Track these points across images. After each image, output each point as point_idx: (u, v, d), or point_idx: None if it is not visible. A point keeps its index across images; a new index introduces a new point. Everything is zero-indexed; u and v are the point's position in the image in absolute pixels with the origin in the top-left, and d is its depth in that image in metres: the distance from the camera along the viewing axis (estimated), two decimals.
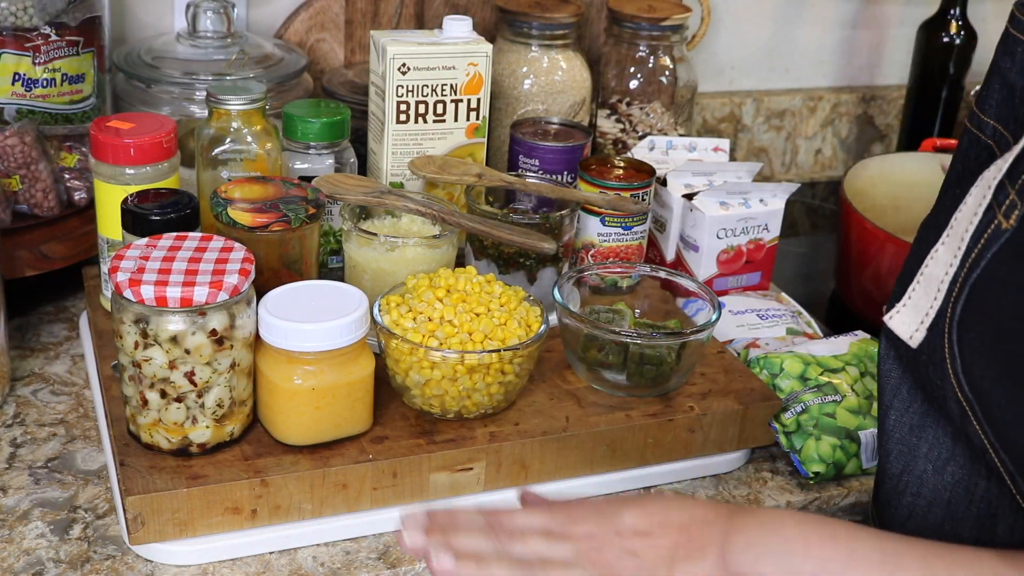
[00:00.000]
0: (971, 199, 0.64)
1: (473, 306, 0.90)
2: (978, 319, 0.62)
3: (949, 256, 0.64)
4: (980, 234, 0.63)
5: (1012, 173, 0.62)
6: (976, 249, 0.63)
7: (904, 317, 0.68)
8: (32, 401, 0.99)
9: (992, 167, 0.63)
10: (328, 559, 0.84)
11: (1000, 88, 0.68)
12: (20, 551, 0.82)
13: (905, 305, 0.68)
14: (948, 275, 0.64)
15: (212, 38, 1.21)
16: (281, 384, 0.84)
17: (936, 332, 0.65)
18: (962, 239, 0.64)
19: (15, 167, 1.06)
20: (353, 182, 1.02)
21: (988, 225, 0.62)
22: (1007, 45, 0.68)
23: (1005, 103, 0.68)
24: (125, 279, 0.80)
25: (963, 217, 0.64)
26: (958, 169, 0.72)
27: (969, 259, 0.63)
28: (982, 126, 0.70)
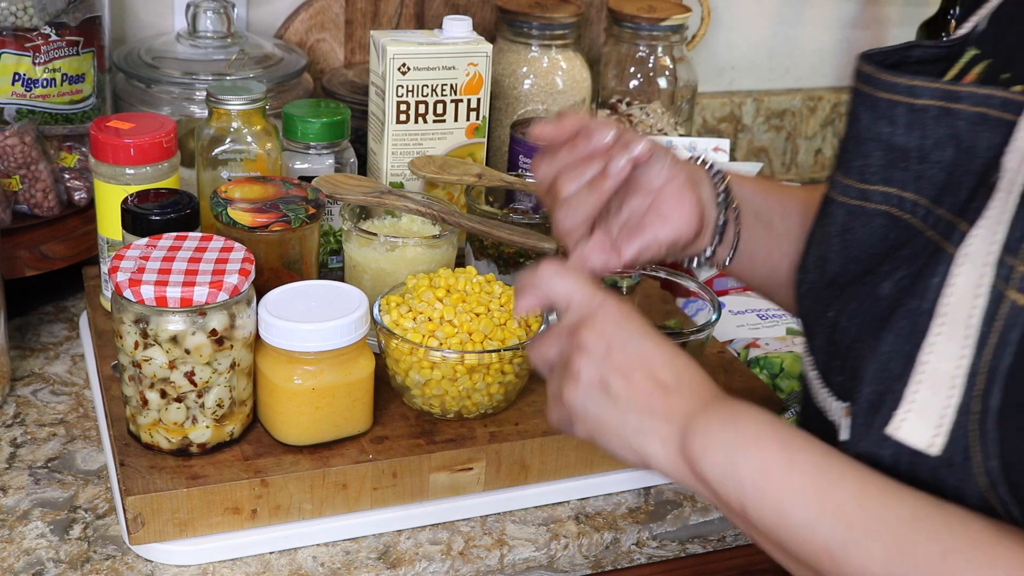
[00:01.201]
0: (961, 281, 0.58)
1: (473, 306, 0.90)
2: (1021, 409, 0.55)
3: (955, 347, 0.57)
4: (991, 316, 0.56)
5: (1010, 245, 0.56)
6: (994, 334, 0.56)
7: (914, 424, 0.59)
8: (32, 401, 0.99)
9: (975, 241, 0.58)
10: (328, 559, 0.84)
11: (883, 154, 0.64)
12: (20, 551, 0.82)
13: (910, 411, 0.59)
14: (961, 368, 0.57)
15: (212, 38, 1.21)
16: (281, 384, 0.84)
17: (956, 432, 0.57)
18: (968, 326, 0.57)
19: (15, 167, 1.06)
20: (353, 182, 1.02)
21: (997, 305, 0.56)
22: (877, 110, 0.63)
23: (894, 167, 0.63)
24: (125, 279, 0.80)
25: (959, 302, 0.58)
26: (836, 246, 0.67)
27: (988, 347, 0.56)
28: (867, 195, 0.65)
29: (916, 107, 0.62)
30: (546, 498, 0.91)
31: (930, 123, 0.61)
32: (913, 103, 0.62)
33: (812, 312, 0.70)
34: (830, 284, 0.69)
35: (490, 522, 0.89)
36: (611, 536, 0.90)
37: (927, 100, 0.61)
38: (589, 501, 0.92)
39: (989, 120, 0.59)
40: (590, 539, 0.89)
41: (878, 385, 0.61)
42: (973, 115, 0.60)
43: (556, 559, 0.88)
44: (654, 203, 0.78)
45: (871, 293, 0.64)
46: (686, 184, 0.79)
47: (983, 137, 0.60)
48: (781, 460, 0.60)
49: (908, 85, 0.62)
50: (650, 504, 0.93)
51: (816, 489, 0.59)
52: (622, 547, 0.90)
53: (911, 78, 0.62)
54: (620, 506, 0.92)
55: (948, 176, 0.61)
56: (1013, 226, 0.56)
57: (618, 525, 0.90)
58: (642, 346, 0.67)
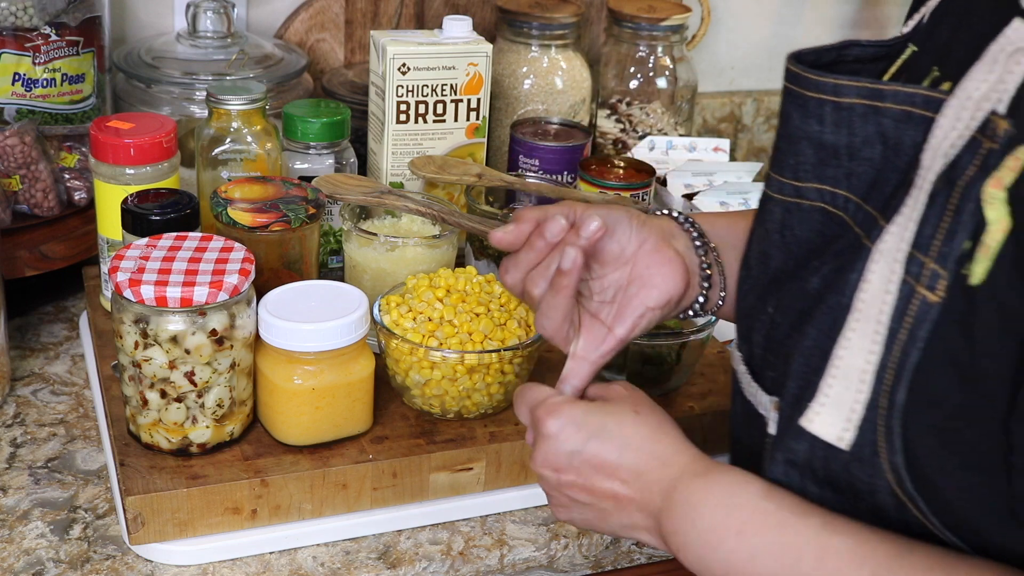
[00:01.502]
0: (875, 276, 0.58)
1: (473, 306, 0.90)
2: (931, 404, 0.56)
3: (866, 342, 0.58)
4: (901, 312, 0.57)
5: (918, 241, 0.57)
6: (903, 330, 0.57)
7: (826, 418, 0.60)
8: (32, 401, 0.99)
9: (888, 237, 0.58)
10: (328, 559, 0.84)
11: (814, 152, 0.64)
12: (20, 551, 0.82)
13: (824, 404, 0.60)
14: (871, 364, 0.58)
15: (212, 38, 1.21)
16: (281, 384, 0.84)
17: (865, 427, 0.58)
18: (879, 321, 0.58)
19: (15, 167, 1.06)
20: (353, 182, 1.02)
21: (908, 301, 0.57)
22: (806, 109, 0.63)
23: (825, 164, 0.64)
24: (125, 279, 0.80)
25: (871, 298, 0.58)
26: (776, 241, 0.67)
27: (897, 343, 0.57)
28: (801, 192, 0.65)
29: (842, 106, 0.62)
30: (546, 498, 0.91)
31: (857, 121, 0.62)
32: (839, 102, 0.62)
33: (753, 308, 0.71)
34: (772, 280, 0.69)
35: (490, 522, 0.89)
36: (611, 536, 0.90)
37: (852, 99, 0.61)
38: None
39: (913, 118, 0.59)
40: (590, 539, 0.89)
41: (800, 380, 0.62)
42: (898, 113, 0.60)
43: (556, 559, 0.88)
44: (633, 271, 0.76)
45: (802, 288, 0.65)
46: (660, 242, 0.77)
47: (908, 135, 0.60)
48: (743, 551, 0.63)
49: (833, 84, 0.62)
50: None
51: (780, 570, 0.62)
52: (622, 547, 0.90)
53: (836, 77, 0.62)
54: None
55: (877, 173, 0.62)
56: (923, 223, 0.57)
57: None
58: (586, 458, 0.70)
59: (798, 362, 0.63)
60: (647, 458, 0.69)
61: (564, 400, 0.73)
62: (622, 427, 0.70)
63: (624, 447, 0.70)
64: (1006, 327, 0.53)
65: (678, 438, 0.70)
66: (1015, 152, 0.53)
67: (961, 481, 0.56)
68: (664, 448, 0.69)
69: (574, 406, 0.72)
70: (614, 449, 0.70)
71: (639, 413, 0.71)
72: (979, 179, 0.54)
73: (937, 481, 0.57)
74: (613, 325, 0.76)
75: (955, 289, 0.55)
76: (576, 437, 0.71)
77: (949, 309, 0.55)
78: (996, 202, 0.53)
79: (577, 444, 0.70)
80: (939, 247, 0.56)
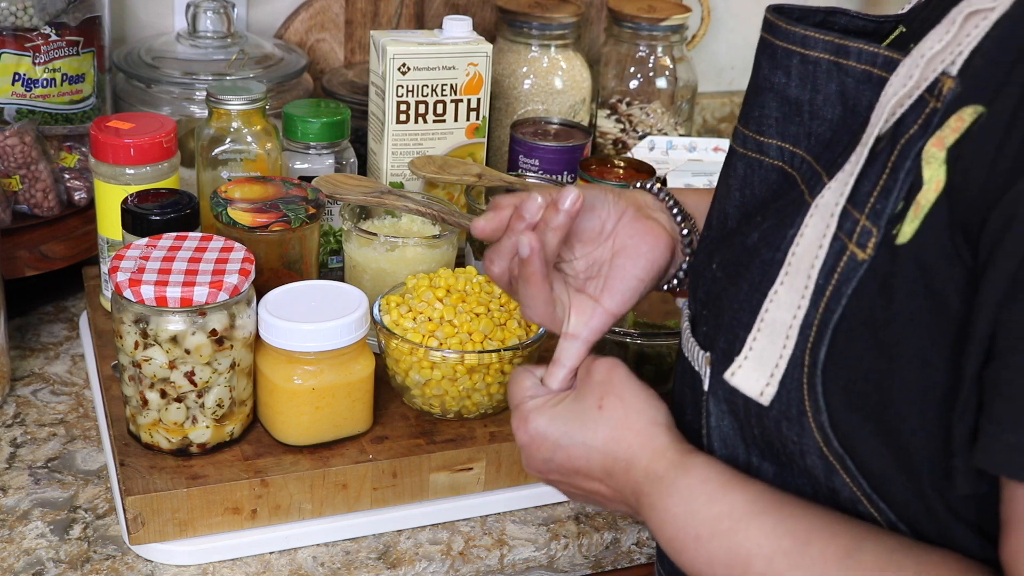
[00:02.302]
0: (809, 231, 0.58)
1: (473, 306, 0.90)
2: (845, 364, 0.56)
3: (794, 297, 0.57)
4: (831, 269, 0.56)
5: (854, 197, 0.56)
6: (831, 286, 0.56)
7: (748, 372, 0.59)
8: (32, 401, 0.99)
9: (827, 192, 0.57)
10: (328, 559, 0.84)
11: (779, 106, 0.63)
12: (20, 551, 0.82)
13: (747, 358, 0.60)
14: (797, 318, 0.57)
15: (212, 38, 1.21)
16: (281, 384, 0.84)
17: (791, 384, 0.58)
18: (808, 276, 0.57)
19: (15, 167, 1.06)
20: (353, 182, 1.02)
21: (839, 258, 0.56)
22: (775, 59, 0.63)
23: (788, 120, 0.63)
24: (125, 279, 0.80)
25: (803, 252, 0.58)
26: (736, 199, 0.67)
27: (823, 298, 0.56)
28: (763, 148, 0.65)
29: (808, 59, 0.61)
30: (546, 498, 0.91)
31: (821, 77, 0.61)
32: (806, 54, 0.62)
33: (701, 264, 0.70)
34: (723, 237, 0.68)
35: (490, 522, 0.89)
36: (611, 536, 0.90)
37: (819, 52, 0.61)
38: None
39: (873, 79, 0.59)
40: (590, 539, 0.89)
41: (729, 334, 0.62)
42: (859, 72, 0.60)
43: (556, 559, 0.88)
44: (616, 244, 0.75)
45: (742, 243, 0.64)
46: (639, 213, 0.76)
47: (865, 95, 0.59)
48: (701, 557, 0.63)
49: (802, 35, 0.62)
50: None
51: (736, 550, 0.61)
52: (622, 547, 0.90)
53: (805, 28, 0.61)
54: None
55: (833, 135, 0.62)
56: (860, 179, 0.56)
57: (618, 525, 0.90)
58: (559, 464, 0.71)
59: (727, 316, 0.62)
60: (611, 461, 0.68)
61: (532, 408, 0.72)
62: (584, 431, 0.69)
63: (590, 452, 0.69)
64: (926, 288, 0.52)
65: (642, 431, 0.68)
66: (959, 112, 0.52)
67: (872, 445, 0.56)
68: (625, 449, 0.68)
69: (540, 414, 0.71)
70: (580, 456, 0.70)
71: (602, 408, 0.69)
72: (919, 138, 0.54)
73: (855, 443, 0.57)
74: (602, 299, 0.74)
75: (883, 248, 0.54)
76: (545, 447, 0.71)
77: (874, 267, 0.55)
78: (934, 161, 0.53)
79: (547, 453, 0.71)
80: (873, 204, 0.55)
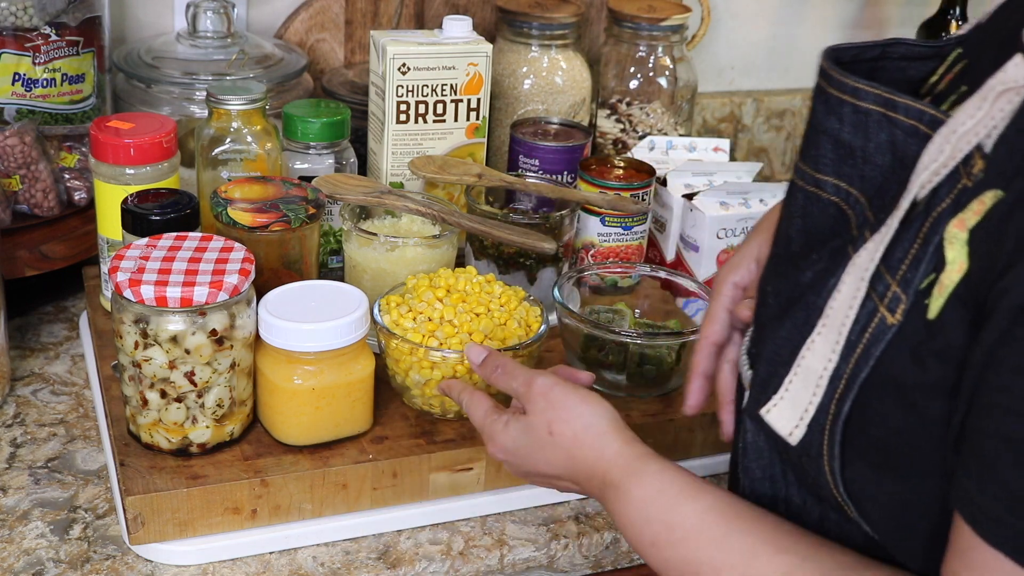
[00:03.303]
0: (845, 288, 0.59)
1: (473, 306, 0.90)
2: (871, 420, 0.58)
3: (827, 349, 0.60)
4: (863, 328, 0.58)
5: (888, 260, 0.58)
6: (861, 345, 0.58)
7: (783, 412, 0.62)
8: (32, 401, 0.99)
9: (863, 252, 0.59)
10: (328, 559, 0.84)
11: (833, 148, 0.65)
12: (20, 551, 0.82)
13: (783, 399, 0.62)
14: (827, 370, 0.59)
15: (212, 38, 1.21)
16: (281, 384, 0.84)
17: (815, 428, 0.60)
18: (840, 332, 0.59)
19: (15, 167, 1.06)
20: (353, 182, 1.02)
21: (870, 319, 0.58)
22: (829, 105, 0.64)
23: (843, 162, 0.64)
24: (125, 279, 0.80)
25: (839, 307, 0.60)
26: (798, 226, 0.68)
27: (854, 355, 0.58)
28: (820, 184, 0.66)
29: (860, 109, 0.62)
30: (546, 498, 0.91)
31: (873, 126, 0.62)
32: (858, 105, 0.62)
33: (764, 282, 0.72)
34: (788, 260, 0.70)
35: (490, 522, 0.89)
36: (611, 536, 0.90)
37: (869, 104, 0.62)
38: (589, 501, 0.92)
39: (919, 134, 0.60)
40: (590, 539, 0.89)
41: (769, 366, 0.64)
42: (908, 127, 0.60)
43: (556, 559, 0.88)
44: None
45: (796, 278, 0.66)
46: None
47: (912, 149, 0.60)
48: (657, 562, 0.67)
49: (853, 86, 0.62)
50: None
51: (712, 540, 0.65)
52: (622, 547, 0.90)
53: (856, 80, 0.62)
54: None
55: (884, 180, 0.62)
56: (894, 244, 0.57)
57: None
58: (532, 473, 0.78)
59: (770, 348, 0.65)
60: (574, 472, 0.74)
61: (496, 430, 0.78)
62: (544, 454, 0.75)
63: (554, 466, 0.75)
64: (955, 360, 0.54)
65: (592, 445, 0.73)
66: (981, 196, 0.53)
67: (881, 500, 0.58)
68: (583, 465, 0.74)
69: (504, 435, 0.77)
70: (547, 468, 0.76)
71: (552, 434, 0.75)
72: (950, 213, 0.55)
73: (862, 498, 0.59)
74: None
75: (912, 315, 0.56)
76: (515, 462, 0.78)
77: (903, 333, 0.56)
78: (956, 243, 0.54)
79: (519, 465, 0.78)
80: (904, 272, 0.57)
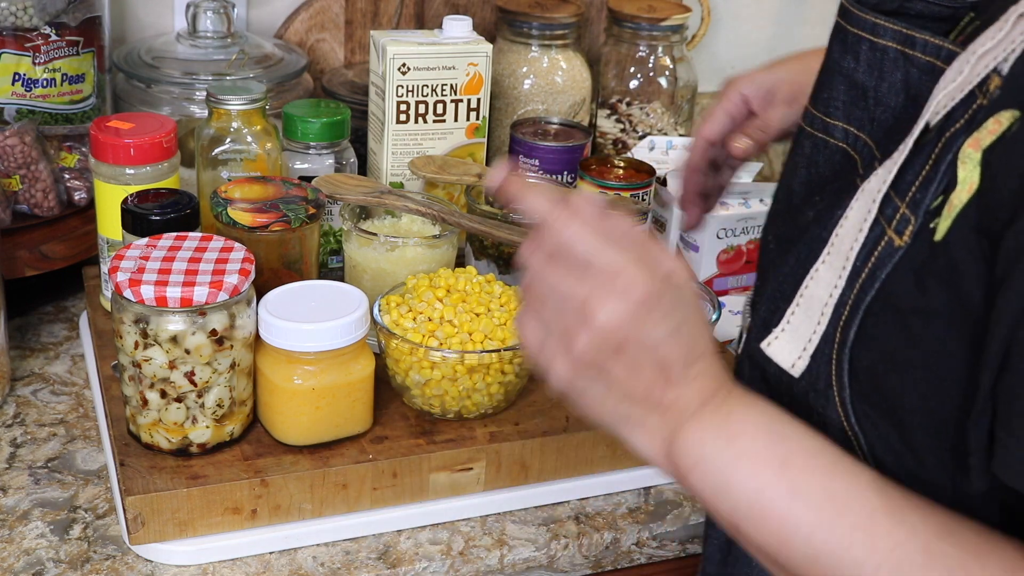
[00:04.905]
0: (853, 213, 0.59)
1: (473, 306, 0.90)
2: (871, 346, 0.57)
3: (833, 276, 0.59)
4: (869, 252, 0.57)
5: (898, 184, 0.57)
6: (867, 268, 0.57)
7: (784, 344, 0.61)
8: (32, 401, 0.99)
9: (873, 178, 0.58)
10: (328, 559, 0.84)
11: (847, 89, 0.64)
12: (20, 551, 0.82)
13: (784, 330, 0.61)
14: (833, 297, 0.58)
15: (212, 38, 1.21)
16: (281, 384, 0.84)
17: (821, 359, 0.59)
18: (847, 258, 0.58)
19: (15, 167, 1.06)
20: (353, 182, 1.02)
21: (877, 242, 0.57)
22: (846, 44, 0.63)
23: (855, 104, 0.64)
24: (125, 279, 0.80)
25: (846, 233, 0.59)
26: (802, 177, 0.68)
27: (859, 279, 0.57)
28: (829, 129, 0.66)
29: (877, 46, 0.62)
30: (546, 498, 0.91)
31: (888, 65, 0.62)
32: (875, 41, 0.62)
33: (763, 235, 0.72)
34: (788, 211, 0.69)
35: (490, 522, 0.89)
36: (611, 536, 0.90)
37: (887, 41, 0.62)
38: (589, 501, 0.92)
39: (935, 71, 0.59)
40: (590, 539, 0.89)
41: (770, 304, 0.64)
42: (924, 64, 0.60)
43: (556, 559, 0.88)
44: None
45: (796, 220, 0.65)
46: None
47: (926, 87, 0.60)
48: (782, 485, 0.56)
49: (872, 23, 0.62)
50: (650, 504, 0.93)
51: (820, 520, 0.55)
52: (622, 547, 0.90)
53: (876, 16, 0.62)
54: (620, 506, 0.92)
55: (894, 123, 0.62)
56: (904, 167, 0.57)
57: (618, 525, 0.90)
58: (660, 344, 0.59)
59: (771, 286, 0.64)
60: (705, 359, 0.61)
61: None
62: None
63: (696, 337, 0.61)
64: (956, 285, 0.53)
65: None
66: (997, 115, 0.53)
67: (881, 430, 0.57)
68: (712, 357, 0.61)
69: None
70: (686, 339, 0.60)
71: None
72: (963, 133, 0.54)
73: (865, 426, 0.58)
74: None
75: (920, 237, 0.55)
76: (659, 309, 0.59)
77: (909, 256, 0.55)
78: (969, 162, 0.53)
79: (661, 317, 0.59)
80: (913, 194, 0.56)
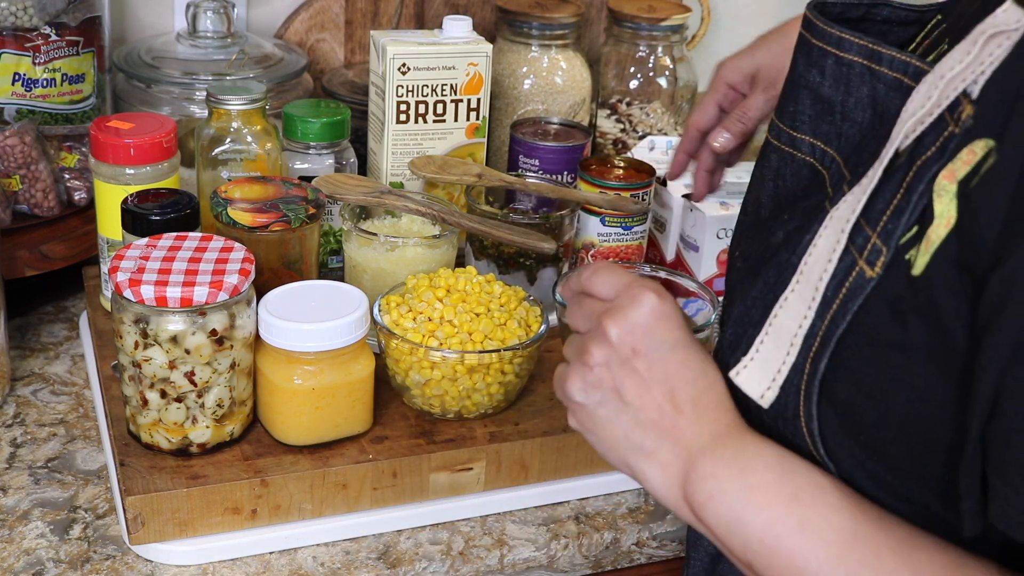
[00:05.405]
0: (823, 241, 0.57)
1: (473, 306, 0.90)
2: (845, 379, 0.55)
3: (802, 306, 0.57)
4: (840, 282, 0.56)
5: (868, 212, 0.55)
6: (838, 299, 0.56)
7: (753, 374, 0.59)
8: (32, 401, 0.99)
9: (843, 205, 0.57)
10: (328, 559, 0.84)
11: (812, 103, 0.63)
12: (20, 551, 0.82)
13: (753, 359, 0.59)
14: (803, 327, 0.57)
15: (212, 38, 1.21)
16: (281, 384, 0.84)
17: (790, 389, 0.58)
18: (816, 288, 0.57)
19: (15, 167, 1.06)
20: (353, 182, 1.02)
21: (848, 272, 0.56)
22: (811, 57, 0.62)
23: (821, 118, 0.63)
24: (125, 279, 0.80)
25: (815, 262, 0.57)
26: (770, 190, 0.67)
27: (830, 311, 0.56)
28: (796, 143, 0.64)
29: (843, 61, 0.61)
30: (546, 498, 0.91)
31: (855, 80, 0.61)
32: (841, 56, 0.61)
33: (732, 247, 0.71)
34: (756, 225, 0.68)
35: (490, 522, 0.89)
36: (611, 536, 0.90)
37: (853, 56, 0.60)
38: (589, 501, 0.92)
39: (903, 87, 0.58)
40: (590, 539, 0.89)
41: (737, 328, 0.62)
42: (891, 80, 0.59)
43: (556, 559, 0.88)
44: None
45: (766, 239, 0.64)
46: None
47: (894, 104, 0.59)
48: (793, 519, 0.57)
49: (838, 37, 0.61)
50: (650, 504, 0.93)
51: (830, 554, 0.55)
52: (622, 547, 0.90)
53: (841, 30, 0.61)
54: (620, 506, 0.92)
55: (861, 139, 0.61)
56: (875, 196, 0.56)
57: (618, 525, 0.90)
58: (669, 359, 0.63)
59: (739, 310, 0.62)
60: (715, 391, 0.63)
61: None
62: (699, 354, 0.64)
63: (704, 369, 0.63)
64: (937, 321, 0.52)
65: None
66: (971, 145, 0.51)
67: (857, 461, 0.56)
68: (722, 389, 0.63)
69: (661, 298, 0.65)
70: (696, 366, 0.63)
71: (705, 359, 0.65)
72: (934, 161, 0.53)
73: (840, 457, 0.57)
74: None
75: (893, 269, 0.54)
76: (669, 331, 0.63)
77: (883, 287, 0.54)
78: (945, 195, 0.52)
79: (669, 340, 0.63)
80: (885, 224, 0.55)
